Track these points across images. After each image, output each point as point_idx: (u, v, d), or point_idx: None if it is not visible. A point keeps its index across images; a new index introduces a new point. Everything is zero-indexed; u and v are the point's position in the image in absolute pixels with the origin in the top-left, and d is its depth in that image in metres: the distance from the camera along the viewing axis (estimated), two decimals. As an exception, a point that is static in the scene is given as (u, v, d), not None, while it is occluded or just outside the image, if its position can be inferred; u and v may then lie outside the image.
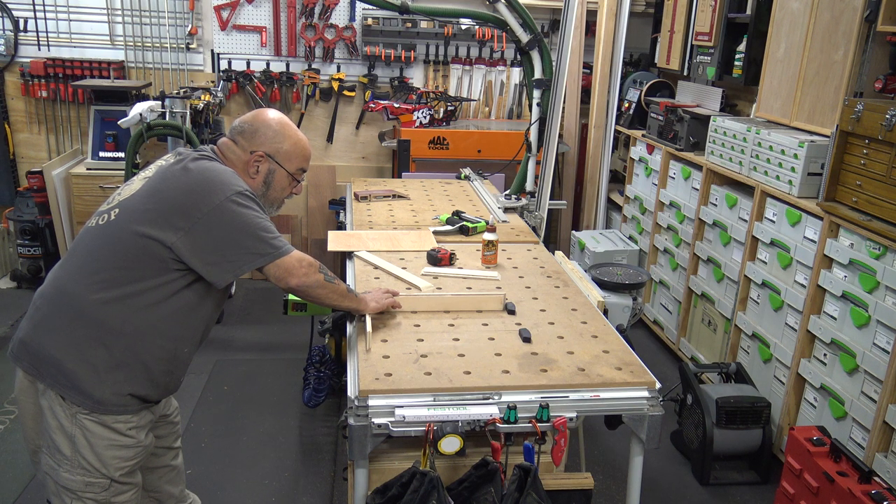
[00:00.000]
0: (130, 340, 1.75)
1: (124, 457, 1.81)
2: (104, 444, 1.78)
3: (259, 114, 1.94)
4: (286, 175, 1.94)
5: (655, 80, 4.57)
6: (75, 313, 1.73)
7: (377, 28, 4.75)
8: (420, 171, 4.35)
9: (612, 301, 2.79)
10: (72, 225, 4.34)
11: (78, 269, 1.77)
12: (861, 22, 2.80)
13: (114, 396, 1.76)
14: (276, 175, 1.92)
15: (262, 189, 1.92)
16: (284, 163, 1.92)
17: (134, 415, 1.81)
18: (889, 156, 2.48)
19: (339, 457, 3.04)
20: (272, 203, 1.97)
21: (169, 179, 1.80)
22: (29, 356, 1.77)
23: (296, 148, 1.93)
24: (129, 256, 1.74)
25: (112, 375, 1.75)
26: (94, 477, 1.79)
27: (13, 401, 3.32)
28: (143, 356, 1.78)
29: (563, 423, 1.69)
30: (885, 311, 2.48)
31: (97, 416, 1.76)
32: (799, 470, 2.49)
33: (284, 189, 1.96)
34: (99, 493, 1.80)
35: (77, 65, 4.65)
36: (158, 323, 1.78)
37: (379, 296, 2.11)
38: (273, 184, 1.93)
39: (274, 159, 1.90)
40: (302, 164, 1.96)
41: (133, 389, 1.78)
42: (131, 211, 1.77)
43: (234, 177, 1.83)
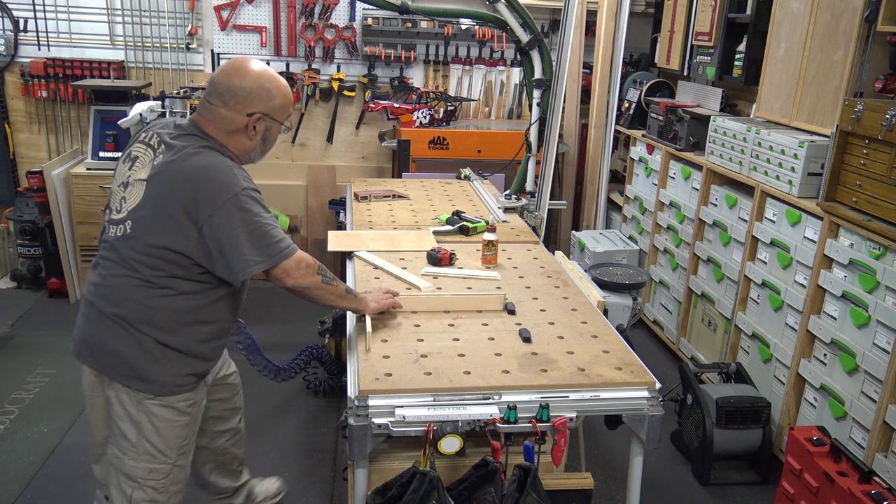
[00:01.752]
0: (179, 331, 1.87)
1: (184, 435, 1.96)
2: (169, 425, 1.91)
3: (243, 71, 1.87)
4: (279, 125, 1.97)
5: (655, 80, 4.57)
6: (125, 311, 1.83)
7: (377, 28, 4.75)
8: (420, 171, 4.35)
9: (612, 301, 2.79)
10: (72, 225, 4.34)
11: (116, 274, 1.85)
12: (861, 22, 2.80)
13: (174, 378, 1.89)
14: (271, 130, 1.96)
15: (259, 146, 1.95)
16: (278, 116, 1.94)
17: (193, 391, 1.96)
18: (889, 156, 2.48)
19: (339, 457, 3.04)
20: (265, 153, 2.01)
21: (171, 184, 1.80)
22: (91, 353, 1.89)
23: (284, 98, 1.95)
24: (158, 265, 1.82)
25: (169, 361, 1.88)
26: (157, 463, 1.92)
27: (13, 401, 3.32)
28: (193, 342, 1.90)
29: (563, 423, 1.69)
30: (885, 311, 2.48)
31: (162, 398, 1.89)
32: (799, 470, 2.49)
33: (277, 136, 2.00)
34: (160, 479, 1.93)
35: (77, 65, 4.65)
36: (201, 313, 1.90)
37: (379, 296, 2.11)
38: (269, 138, 1.97)
39: (270, 116, 1.92)
40: (289, 110, 2.00)
41: (190, 370, 1.93)
42: (144, 226, 1.82)
43: (232, 172, 1.82)
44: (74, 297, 4.42)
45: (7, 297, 4.43)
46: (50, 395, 3.38)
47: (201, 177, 1.78)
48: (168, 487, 1.97)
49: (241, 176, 1.84)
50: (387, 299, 2.11)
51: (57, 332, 4.02)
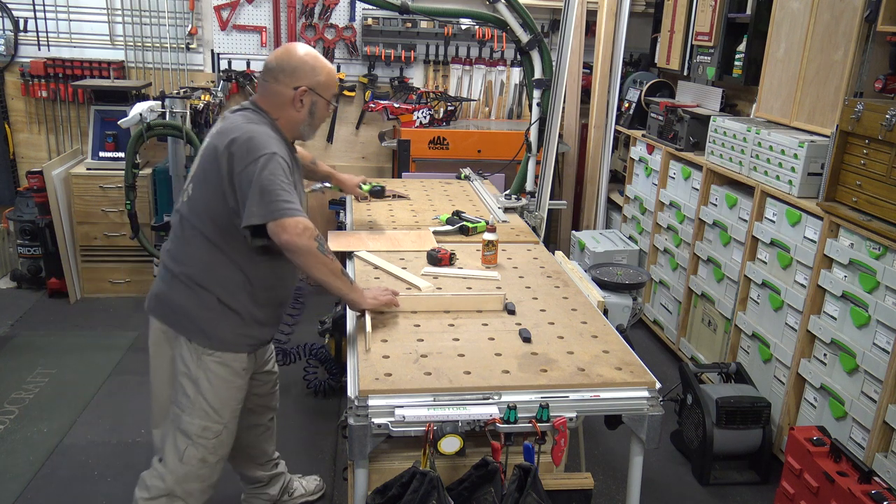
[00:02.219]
0: (236, 293, 2.05)
1: (237, 399, 2.14)
2: (224, 384, 2.08)
3: (290, 51, 2.09)
4: (325, 102, 2.14)
5: (655, 80, 4.57)
6: (187, 269, 2.05)
7: (377, 28, 4.75)
8: (420, 171, 4.35)
9: (612, 301, 2.79)
10: (72, 225, 4.34)
11: (181, 236, 2.07)
12: (861, 22, 2.80)
13: (232, 336, 2.07)
14: (318, 105, 2.12)
15: (307, 119, 2.13)
16: (323, 92, 2.12)
17: (247, 356, 2.13)
18: (889, 156, 2.48)
19: (339, 457, 3.04)
20: (314, 128, 2.18)
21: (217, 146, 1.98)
22: (161, 307, 2.11)
23: (330, 76, 2.13)
24: (210, 224, 2.01)
25: (228, 319, 2.06)
26: (210, 421, 2.09)
27: (13, 401, 3.32)
28: (250, 304, 2.07)
29: (563, 423, 1.69)
30: (885, 311, 2.48)
31: (219, 354, 2.06)
32: (799, 470, 2.49)
33: (324, 114, 2.16)
34: (211, 439, 2.10)
35: (77, 65, 4.65)
36: (253, 273, 2.05)
37: (378, 293, 2.12)
38: (316, 112, 2.13)
39: (315, 91, 2.09)
40: (335, 89, 2.18)
41: (247, 331, 2.09)
42: (197, 186, 2.04)
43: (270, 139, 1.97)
44: (74, 297, 4.42)
45: (7, 297, 4.43)
46: (50, 395, 3.38)
47: (241, 138, 1.95)
48: (217, 449, 2.13)
49: (278, 145, 1.98)
50: (385, 296, 2.12)
51: (57, 332, 4.02)
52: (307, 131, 2.16)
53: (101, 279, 4.48)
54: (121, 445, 3.04)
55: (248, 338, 2.12)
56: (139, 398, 3.39)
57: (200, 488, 2.16)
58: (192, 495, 2.15)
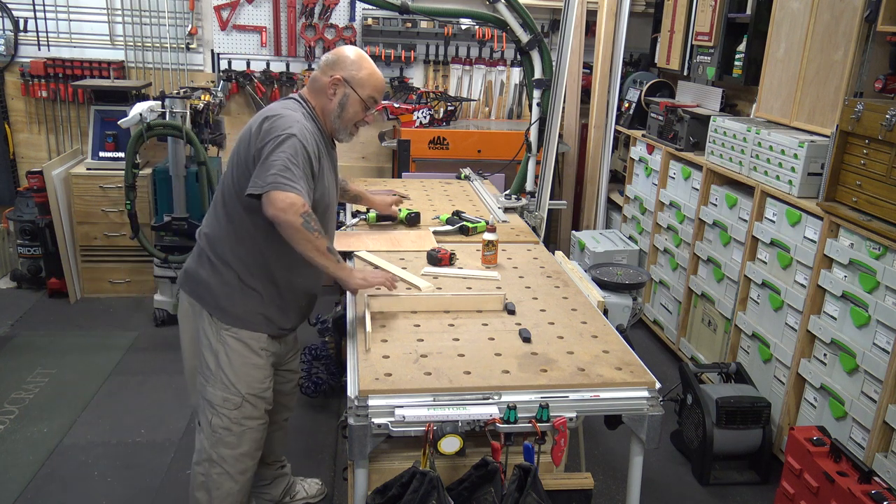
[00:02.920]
0: (255, 272, 2.12)
1: (256, 377, 2.18)
2: (241, 360, 2.15)
3: (342, 48, 2.18)
4: (358, 100, 2.13)
5: (655, 80, 4.57)
6: (214, 247, 2.14)
7: (377, 28, 4.75)
8: (420, 171, 4.35)
9: (612, 301, 2.79)
10: (72, 225, 4.34)
11: (212, 213, 2.19)
12: (861, 22, 2.80)
13: (247, 314, 2.13)
14: (349, 98, 2.13)
15: (337, 110, 2.14)
16: (358, 88, 2.12)
17: (265, 335, 2.17)
18: (889, 156, 2.48)
19: (339, 457, 3.04)
20: (345, 126, 2.17)
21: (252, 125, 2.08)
22: (190, 281, 2.19)
23: (370, 77, 2.14)
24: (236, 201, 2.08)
25: (246, 297, 2.12)
26: (230, 393, 2.16)
27: (13, 401, 3.32)
28: (269, 285, 2.13)
29: (563, 423, 1.69)
30: (885, 311, 2.48)
31: (236, 330, 2.13)
32: (799, 470, 2.49)
33: (357, 113, 2.15)
34: (232, 410, 2.17)
35: (77, 65, 4.65)
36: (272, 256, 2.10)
37: (370, 273, 2.13)
38: (346, 106, 2.13)
39: (349, 84, 2.12)
40: (373, 93, 2.16)
41: (265, 311, 2.15)
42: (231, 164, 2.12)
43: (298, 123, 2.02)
44: (74, 297, 4.42)
45: (7, 297, 4.43)
46: (50, 395, 3.38)
47: (271, 118, 2.03)
48: (241, 420, 2.19)
49: (305, 131, 2.02)
50: (377, 278, 2.11)
51: (57, 332, 4.02)
52: (339, 126, 2.17)
53: (101, 279, 4.48)
54: (121, 445, 3.04)
55: (266, 319, 2.17)
56: (139, 398, 3.40)
57: (233, 455, 2.22)
58: (226, 461, 2.23)
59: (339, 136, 2.20)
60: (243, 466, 2.26)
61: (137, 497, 2.74)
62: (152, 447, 3.04)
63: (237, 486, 2.26)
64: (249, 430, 2.23)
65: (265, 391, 2.23)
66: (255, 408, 2.22)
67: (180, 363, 2.41)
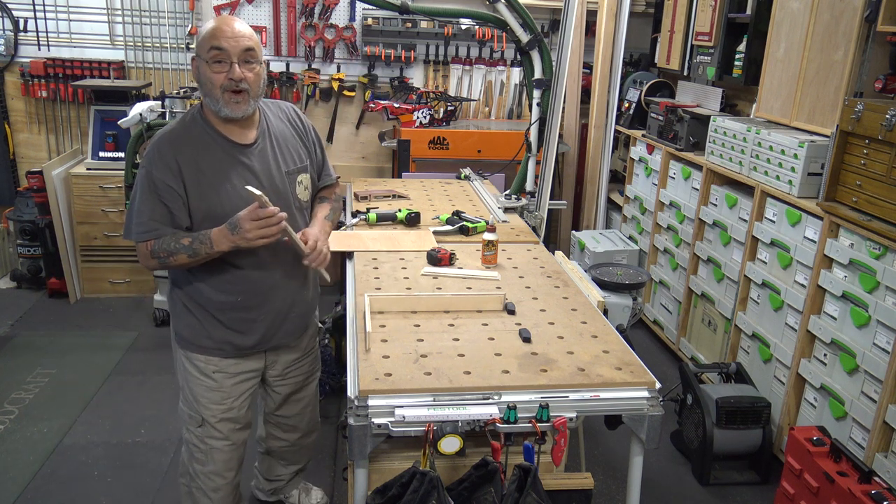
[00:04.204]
0: (190, 291, 2.05)
1: (212, 399, 2.13)
2: (194, 381, 2.12)
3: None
4: (204, 64, 1.88)
5: (655, 80, 4.57)
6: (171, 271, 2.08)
7: (377, 28, 4.75)
8: (420, 171, 4.35)
9: (612, 301, 2.79)
10: (72, 225, 4.34)
11: None
12: (861, 22, 2.80)
13: (192, 335, 2.09)
14: (200, 69, 1.90)
15: (201, 89, 1.93)
16: (200, 53, 1.89)
17: (215, 357, 2.10)
18: (889, 156, 2.48)
19: (339, 457, 3.04)
20: (213, 98, 1.90)
21: None
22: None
23: (205, 34, 1.88)
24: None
25: (188, 317, 2.08)
26: (192, 411, 2.15)
27: (13, 401, 3.32)
28: (208, 303, 2.04)
29: (563, 423, 1.69)
30: (885, 311, 2.48)
31: (186, 352, 2.11)
32: (799, 470, 2.49)
33: (212, 80, 1.88)
34: (195, 428, 2.16)
35: (77, 65, 4.65)
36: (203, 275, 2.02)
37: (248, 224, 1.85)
38: (201, 80, 1.91)
39: (196, 55, 1.92)
40: (207, 42, 1.86)
41: (208, 333, 2.07)
42: None
43: (150, 145, 1.94)
44: (74, 298, 4.42)
45: (7, 297, 4.43)
46: (50, 395, 3.38)
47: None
48: (204, 439, 2.16)
49: (160, 148, 1.91)
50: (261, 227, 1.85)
51: (57, 332, 4.02)
52: (210, 102, 1.92)
53: (101, 279, 4.48)
54: (121, 445, 3.04)
55: (210, 340, 2.08)
56: (139, 398, 3.40)
57: (203, 472, 2.20)
58: (199, 477, 2.22)
59: (220, 111, 1.91)
60: (214, 485, 2.22)
61: (137, 497, 2.74)
62: (152, 447, 3.04)
63: (212, 502, 2.24)
64: (216, 451, 2.19)
65: (226, 412, 2.15)
66: (217, 430, 2.16)
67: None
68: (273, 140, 2.07)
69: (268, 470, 2.63)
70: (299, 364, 2.35)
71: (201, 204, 1.93)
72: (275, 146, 2.06)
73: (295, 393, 2.40)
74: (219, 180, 1.94)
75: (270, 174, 2.03)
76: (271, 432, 2.50)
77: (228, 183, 1.95)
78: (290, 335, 2.23)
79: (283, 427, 2.48)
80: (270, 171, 2.03)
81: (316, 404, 2.56)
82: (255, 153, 2.01)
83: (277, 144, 2.07)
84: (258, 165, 2.01)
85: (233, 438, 2.20)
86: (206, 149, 1.95)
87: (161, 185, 1.89)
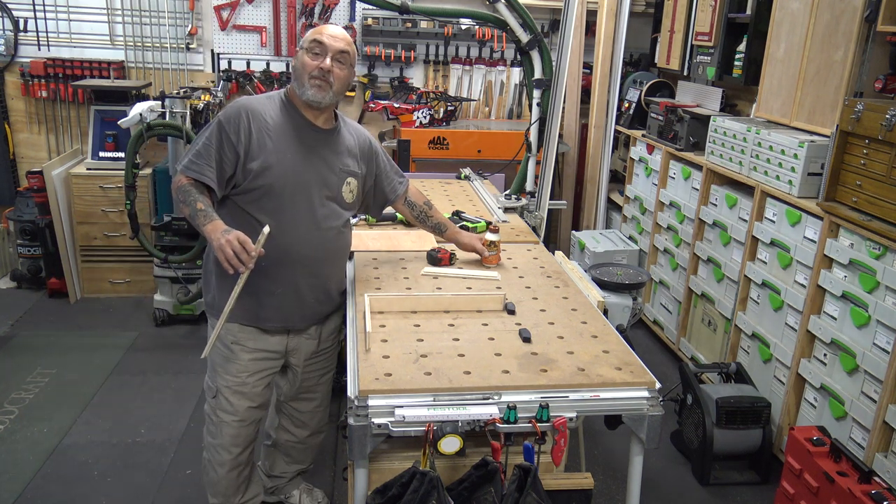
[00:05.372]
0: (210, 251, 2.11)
1: (229, 371, 2.20)
2: (215, 349, 2.19)
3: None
4: (303, 52, 2.10)
5: (655, 80, 4.57)
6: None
7: (377, 28, 4.75)
8: (420, 171, 4.35)
9: (612, 301, 2.79)
10: (72, 225, 4.34)
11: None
12: (861, 22, 2.80)
13: (216, 300, 2.16)
14: (299, 57, 2.12)
15: (294, 75, 2.14)
16: (303, 45, 2.12)
17: (239, 327, 2.17)
18: (889, 156, 2.48)
19: (339, 457, 3.04)
20: (301, 82, 2.10)
21: None
22: None
23: (310, 31, 2.13)
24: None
25: (213, 282, 2.18)
26: (211, 381, 2.26)
27: (13, 401, 3.32)
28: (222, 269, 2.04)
29: (563, 423, 1.69)
30: (885, 311, 2.48)
31: (211, 319, 2.23)
32: (799, 470, 2.49)
33: (306, 65, 2.09)
34: (210, 398, 2.27)
35: (77, 65, 4.65)
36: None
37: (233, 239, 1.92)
38: (297, 67, 2.12)
39: (300, 47, 2.14)
40: (313, 36, 2.10)
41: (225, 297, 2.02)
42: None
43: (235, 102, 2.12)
44: (74, 297, 4.42)
45: (7, 297, 4.43)
46: (50, 395, 3.38)
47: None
48: (216, 411, 2.24)
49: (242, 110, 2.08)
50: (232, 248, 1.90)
51: (57, 332, 4.02)
52: (297, 87, 2.12)
53: (101, 279, 4.48)
54: (121, 445, 3.04)
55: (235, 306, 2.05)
56: (139, 398, 3.40)
57: (213, 444, 2.28)
58: (209, 448, 2.31)
59: (304, 94, 2.10)
60: (220, 459, 2.29)
61: (137, 497, 2.74)
62: (152, 447, 3.04)
63: (218, 476, 2.31)
64: (224, 424, 2.24)
65: (240, 386, 2.21)
66: (229, 402, 2.22)
67: (180, 363, 2.43)
68: (341, 142, 2.23)
69: (271, 466, 2.64)
70: (317, 358, 2.40)
71: (257, 165, 2.05)
72: (339, 146, 2.22)
73: (311, 387, 2.46)
74: (283, 147, 2.09)
75: (327, 162, 2.18)
76: (283, 424, 2.53)
77: (290, 152, 2.10)
78: (307, 320, 2.28)
79: (295, 422, 2.52)
80: (327, 161, 2.19)
81: (328, 405, 2.59)
82: (322, 140, 2.18)
83: (342, 147, 2.23)
84: (325, 152, 2.18)
85: (242, 414, 2.24)
86: (281, 120, 2.12)
87: (226, 137, 2.04)
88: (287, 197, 2.10)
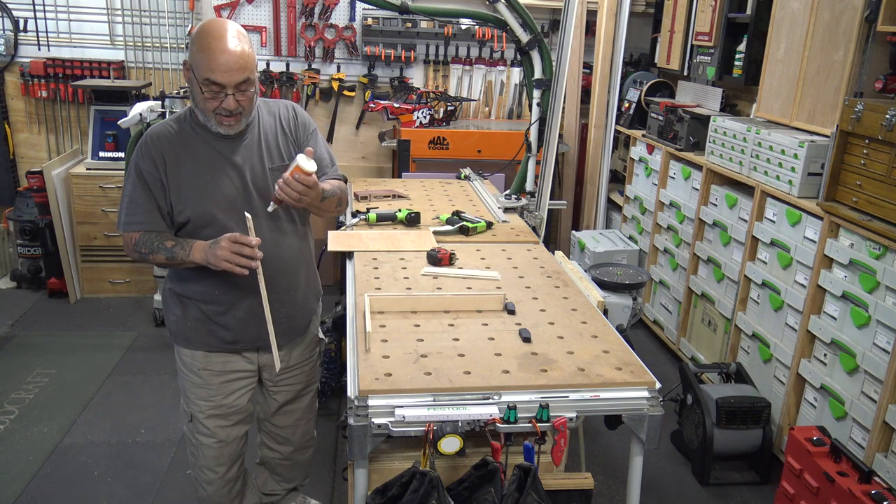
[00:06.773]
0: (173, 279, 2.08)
1: (199, 395, 2.12)
2: (183, 376, 2.14)
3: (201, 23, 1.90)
4: (197, 84, 1.83)
5: (655, 80, 4.57)
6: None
7: (377, 28, 4.75)
8: (420, 171, 4.35)
9: (612, 301, 2.79)
10: (72, 225, 4.34)
11: None
12: (861, 22, 2.80)
13: (177, 326, 2.09)
14: (192, 87, 1.86)
15: (192, 101, 1.91)
16: (195, 70, 1.82)
17: (204, 354, 2.09)
18: (889, 156, 2.48)
19: (340, 457, 3.04)
20: (206, 115, 1.89)
21: None
22: None
23: (201, 54, 1.79)
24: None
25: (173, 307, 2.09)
26: (185, 405, 2.18)
27: (13, 401, 3.32)
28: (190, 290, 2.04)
29: (563, 424, 1.69)
30: (885, 311, 2.48)
31: (176, 346, 2.13)
32: (799, 470, 2.49)
33: (203, 101, 1.84)
34: (186, 423, 2.21)
35: (77, 65, 4.65)
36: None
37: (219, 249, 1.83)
38: (194, 94, 1.87)
39: (191, 67, 1.84)
40: (208, 73, 1.78)
41: (192, 322, 2.06)
42: None
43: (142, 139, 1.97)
44: (74, 297, 4.42)
45: (7, 297, 4.43)
46: (50, 395, 3.38)
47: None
48: (195, 435, 2.18)
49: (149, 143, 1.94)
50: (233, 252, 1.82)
51: (57, 332, 4.02)
52: (203, 117, 1.91)
53: (101, 279, 4.48)
54: (121, 445, 3.04)
55: (194, 332, 2.07)
56: (139, 398, 3.40)
57: (196, 464, 2.25)
58: (193, 468, 2.27)
59: (213, 129, 1.91)
60: (207, 478, 2.24)
61: (137, 497, 2.74)
62: (152, 447, 3.04)
63: (208, 493, 2.26)
64: (204, 447, 2.18)
65: (214, 409, 2.13)
66: (204, 426, 2.15)
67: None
68: (262, 135, 2.03)
69: (263, 484, 2.55)
70: (293, 373, 2.29)
71: (180, 197, 1.94)
72: (261, 141, 2.02)
73: (289, 403, 2.34)
74: (198, 173, 1.93)
75: (253, 169, 1.99)
76: (264, 441, 2.44)
77: (208, 175, 1.94)
78: (285, 336, 2.16)
79: (276, 438, 2.41)
80: (254, 166, 2.00)
81: (311, 419, 2.48)
82: (241, 146, 1.98)
83: (265, 139, 2.03)
84: (241, 160, 1.98)
85: (220, 435, 2.16)
86: (191, 143, 1.95)
87: (148, 176, 1.93)
88: (221, 219, 1.95)
